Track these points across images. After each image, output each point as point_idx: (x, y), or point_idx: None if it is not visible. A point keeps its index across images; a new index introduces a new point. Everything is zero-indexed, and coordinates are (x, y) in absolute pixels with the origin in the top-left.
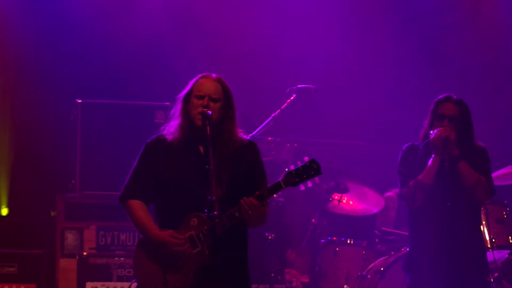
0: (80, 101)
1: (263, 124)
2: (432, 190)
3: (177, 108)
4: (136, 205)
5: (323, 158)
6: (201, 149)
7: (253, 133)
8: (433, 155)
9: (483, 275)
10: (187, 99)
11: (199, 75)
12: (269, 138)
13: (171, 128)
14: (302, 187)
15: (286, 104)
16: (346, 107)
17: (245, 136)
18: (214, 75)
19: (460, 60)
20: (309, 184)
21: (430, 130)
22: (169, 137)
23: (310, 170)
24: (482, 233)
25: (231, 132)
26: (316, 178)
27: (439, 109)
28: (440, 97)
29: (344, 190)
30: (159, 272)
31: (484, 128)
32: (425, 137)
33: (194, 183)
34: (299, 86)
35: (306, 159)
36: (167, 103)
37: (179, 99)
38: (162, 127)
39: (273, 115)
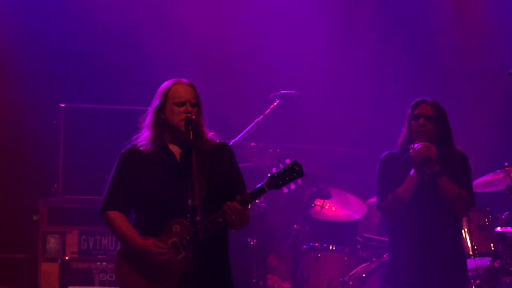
0: (63, 105)
1: (246, 130)
2: (412, 203)
3: (149, 118)
4: (115, 216)
5: (305, 164)
6: (177, 156)
7: (236, 138)
8: (413, 170)
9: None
10: (161, 108)
11: (170, 82)
12: (252, 144)
13: (144, 140)
14: (285, 190)
15: (269, 109)
16: (329, 112)
17: (216, 138)
18: (184, 80)
19: (444, 65)
20: (292, 186)
21: (409, 142)
22: (143, 147)
23: (293, 172)
24: (462, 244)
25: (202, 133)
26: (299, 180)
27: (415, 110)
28: (416, 100)
29: (326, 196)
30: (143, 280)
31: (468, 134)
32: (404, 145)
33: (173, 190)
34: (282, 91)
35: (288, 161)
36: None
37: (150, 109)
38: (135, 137)
39: (256, 120)
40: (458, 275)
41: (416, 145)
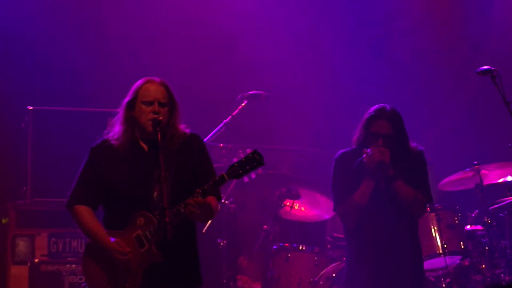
0: (31, 108)
1: (215, 131)
2: (368, 207)
3: (120, 114)
4: (83, 210)
5: (275, 165)
6: (146, 150)
7: (205, 139)
8: (368, 175)
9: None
10: (131, 105)
11: (142, 80)
12: (221, 145)
13: (115, 134)
14: (246, 179)
15: (237, 110)
16: (299, 113)
17: (187, 130)
18: (157, 79)
19: (413, 65)
20: (253, 175)
21: (364, 147)
22: (114, 142)
23: (253, 161)
24: (420, 246)
25: (174, 129)
26: (260, 169)
27: (372, 127)
28: (372, 112)
29: (296, 196)
30: (109, 274)
31: (435, 135)
32: (358, 144)
33: (139, 183)
34: (250, 92)
35: (249, 150)
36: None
37: (122, 105)
38: (106, 131)
39: (224, 121)
40: (416, 277)
41: (369, 150)
